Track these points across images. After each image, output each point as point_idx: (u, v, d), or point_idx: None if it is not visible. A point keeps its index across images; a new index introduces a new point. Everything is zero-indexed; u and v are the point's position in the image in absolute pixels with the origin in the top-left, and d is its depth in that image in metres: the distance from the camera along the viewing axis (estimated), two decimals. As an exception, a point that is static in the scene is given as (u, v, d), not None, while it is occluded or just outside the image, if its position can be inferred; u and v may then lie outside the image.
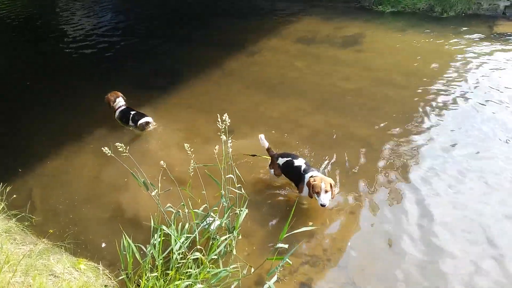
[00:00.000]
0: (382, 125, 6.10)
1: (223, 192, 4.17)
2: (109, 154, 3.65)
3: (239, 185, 4.24)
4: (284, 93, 7.33)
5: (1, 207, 4.41)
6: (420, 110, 6.39)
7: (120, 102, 6.69)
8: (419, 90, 6.92)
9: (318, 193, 4.29)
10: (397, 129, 5.97)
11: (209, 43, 10.28)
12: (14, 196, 4.76)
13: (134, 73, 8.90)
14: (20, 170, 5.74)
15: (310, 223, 4.40)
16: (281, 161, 4.88)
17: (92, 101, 7.33)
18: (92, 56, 10.23)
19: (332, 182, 4.38)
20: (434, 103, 6.54)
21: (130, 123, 6.46)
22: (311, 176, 4.45)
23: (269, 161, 5.15)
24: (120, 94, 6.78)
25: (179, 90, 7.80)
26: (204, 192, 4.12)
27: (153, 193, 3.86)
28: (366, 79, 7.53)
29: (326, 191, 4.30)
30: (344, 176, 5.14)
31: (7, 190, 4.54)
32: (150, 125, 6.45)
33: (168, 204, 4.19)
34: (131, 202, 4.99)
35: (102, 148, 3.64)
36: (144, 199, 4.88)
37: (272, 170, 5.09)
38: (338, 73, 7.86)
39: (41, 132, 6.79)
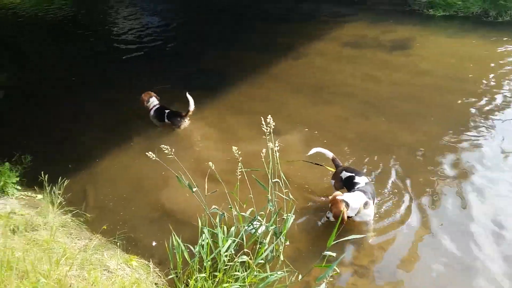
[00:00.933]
0: (431, 131, 5.96)
1: (270, 197, 4.19)
2: (153, 158, 3.75)
3: (286, 190, 4.24)
4: (330, 97, 7.28)
5: (59, 201, 4.61)
6: (471, 117, 6.18)
7: (153, 101, 6.89)
8: (471, 97, 6.68)
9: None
10: (447, 136, 5.81)
11: (254, 46, 10.33)
12: (70, 194, 4.98)
13: (179, 74, 9.05)
14: (70, 166, 5.99)
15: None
16: (344, 174, 4.73)
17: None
18: (140, 56, 10.51)
19: (343, 210, 4.16)
20: (485, 110, 6.31)
21: (166, 120, 6.65)
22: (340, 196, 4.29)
23: (333, 172, 4.98)
24: (153, 94, 6.98)
25: (224, 92, 7.88)
26: (251, 196, 4.16)
27: (194, 190, 3.92)
28: (415, 84, 7.36)
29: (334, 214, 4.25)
30: (392, 184, 5.05)
31: (64, 184, 4.73)
32: (184, 120, 6.62)
33: (214, 206, 4.25)
34: (178, 201, 5.10)
35: (147, 153, 3.75)
36: (190, 199, 4.95)
37: (333, 182, 4.93)
38: (386, 78, 7.72)
39: (90, 129, 7.08)
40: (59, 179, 4.82)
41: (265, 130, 3.86)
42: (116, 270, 3.68)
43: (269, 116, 3.86)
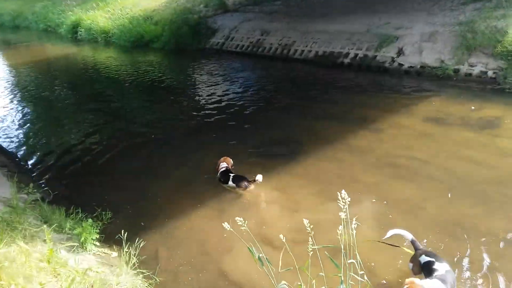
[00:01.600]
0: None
1: (342, 278, 3.96)
2: (228, 229, 3.76)
3: (362, 272, 4.00)
4: (410, 175, 6.98)
5: (133, 262, 4.74)
6: None
7: (222, 165, 7.33)
8: None
9: None
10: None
11: (331, 116, 10.35)
12: (144, 256, 5.12)
13: (254, 140, 9.23)
14: (142, 224, 6.21)
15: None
16: (423, 259, 4.44)
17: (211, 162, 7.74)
18: (217, 121, 10.92)
19: None
20: None
21: (230, 183, 6.97)
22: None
23: (412, 255, 4.72)
24: (228, 159, 7.42)
25: (298, 161, 7.88)
26: (323, 273, 3.97)
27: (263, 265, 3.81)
28: (503, 166, 6.85)
29: None
30: (478, 276, 4.58)
31: (140, 245, 4.87)
32: (249, 185, 6.90)
33: (283, 282, 4.11)
34: (245, 271, 5.01)
35: (223, 224, 3.78)
36: (256, 269, 4.85)
37: (411, 265, 4.66)
38: (472, 158, 7.28)
39: (166, 187, 7.36)
40: (136, 238, 5.00)
41: (341, 206, 3.75)
42: None
43: (344, 191, 3.76)
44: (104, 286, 4.15)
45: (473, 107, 9.53)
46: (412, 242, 4.71)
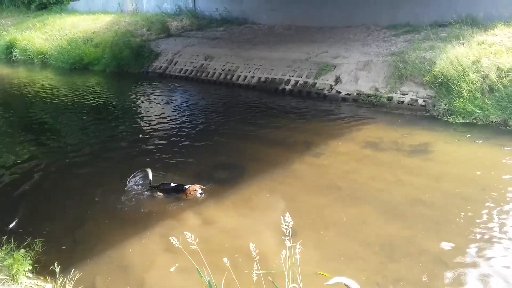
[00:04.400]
0: (454, 241, 5.76)
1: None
2: (177, 245, 3.70)
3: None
4: (349, 199, 7.23)
5: (68, 294, 4.49)
6: (495, 227, 6.00)
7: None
8: (494, 206, 6.55)
9: None
10: (471, 246, 5.62)
11: (274, 142, 10.52)
12: (81, 287, 4.86)
13: (196, 166, 9.15)
14: (78, 253, 5.94)
15: None
16: None
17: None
18: (158, 146, 10.70)
19: None
20: (502, 222, 6.14)
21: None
22: None
23: None
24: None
25: (242, 187, 7.89)
26: (267, 300, 3.99)
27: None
28: (435, 190, 7.28)
29: None
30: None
31: (76, 277, 4.63)
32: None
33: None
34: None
35: (170, 238, 3.71)
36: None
37: None
38: (406, 182, 7.69)
39: (101, 215, 7.07)
40: (72, 269, 4.76)
41: (284, 230, 3.80)
42: None
43: (287, 214, 3.83)
44: (37, 322, 3.89)
45: (406, 134, 10.12)
46: None
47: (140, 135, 11.67)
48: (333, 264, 5.44)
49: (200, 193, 7.19)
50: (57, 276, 4.58)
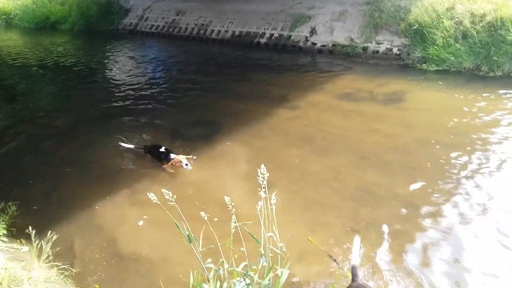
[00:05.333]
0: (425, 184, 5.93)
1: (263, 252, 4.07)
2: (155, 201, 3.70)
3: (282, 244, 4.14)
4: (325, 149, 7.29)
5: (46, 255, 4.47)
6: (465, 172, 6.17)
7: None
8: (465, 150, 6.70)
9: None
10: (441, 189, 5.79)
11: (250, 96, 10.46)
12: (59, 248, 4.85)
13: (171, 123, 9.07)
14: (55, 215, 5.88)
15: None
16: None
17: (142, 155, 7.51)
18: (133, 104, 10.53)
19: None
20: (479, 165, 6.32)
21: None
22: None
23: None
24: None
25: (220, 142, 7.88)
26: (244, 249, 4.06)
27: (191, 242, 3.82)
28: (408, 137, 7.40)
29: None
30: (385, 237, 4.97)
31: (53, 238, 4.60)
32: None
33: (209, 260, 4.14)
34: (173, 257, 4.96)
35: (148, 194, 3.70)
36: (186, 255, 4.85)
37: None
38: (380, 131, 7.77)
39: (84, 182, 6.97)
40: (48, 231, 4.71)
41: (261, 182, 3.82)
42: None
43: (263, 166, 3.84)
44: (14, 282, 3.88)
45: (380, 84, 10.14)
46: (353, 267, 3.88)
47: (113, 95, 11.40)
48: (309, 213, 5.54)
49: (186, 164, 6.73)
50: (33, 238, 4.55)
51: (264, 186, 3.78)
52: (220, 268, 4.12)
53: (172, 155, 6.89)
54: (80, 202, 6.22)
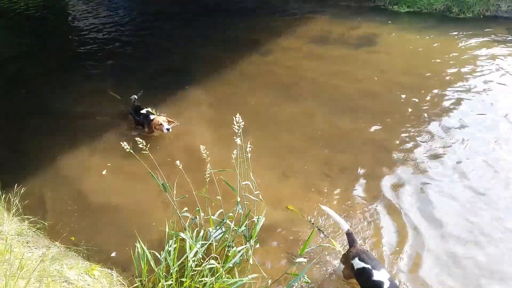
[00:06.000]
0: (396, 128, 6.01)
1: (239, 199, 4.09)
2: (128, 150, 3.61)
3: (257, 191, 4.16)
4: (297, 94, 7.22)
5: (15, 209, 4.35)
6: (437, 113, 6.27)
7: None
8: (434, 93, 6.79)
9: None
10: (412, 132, 5.89)
11: (221, 42, 10.15)
12: (27, 201, 4.71)
13: (143, 72, 8.75)
14: (23, 168, 5.72)
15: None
16: (356, 263, 3.52)
17: (104, 103, 7.23)
18: (97, 52, 10.10)
19: None
20: (448, 106, 6.44)
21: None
22: None
23: (344, 254, 3.79)
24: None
25: (191, 90, 7.67)
26: (220, 197, 4.06)
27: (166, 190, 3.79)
28: (380, 81, 7.40)
29: None
30: (359, 181, 5.07)
31: (21, 192, 4.47)
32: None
33: (185, 209, 4.14)
34: (144, 207, 4.93)
35: (121, 143, 3.60)
36: (157, 204, 4.83)
37: (342, 266, 3.75)
38: (352, 75, 7.72)
39: (44, 128, 6.74)
40: (15, 184, 4.58)
41: (236, 130, 3.76)
42: (77, 281, 3.47)
43: (238, 115, 3.77)
44: (-17, 238, 3.78)
45: (352, 27, 9.98)
46: (348, 234, 3.75)
47: (78, 43, 10.85)
48: (281, 160, 5.55)
49: (167, 129, 5.96)
50: (0, 192, 4.40)
51: (239, 134, 3.72)
52: (196, 217, 4.13)
53: (152, 116, 6.21)
54: (46, 153, 6.03)
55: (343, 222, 3.77)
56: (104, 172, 5.55)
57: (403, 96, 6.79)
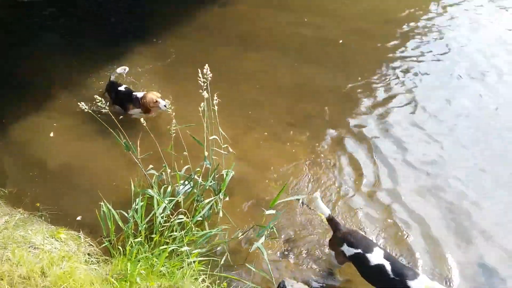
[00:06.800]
0: (359, 75, 6.05)
1: (206, 153, 4.03)
2: (86, 110, 3.47)
3: (226, 145, 4.12)
4: (258, 46, 7.04)
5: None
6: (398, 57, 6.34)
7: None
8: (399, 38, 6.81)
9: None
10: (373, 78, 5.94)
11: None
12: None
13: (97, 31, 8.18)
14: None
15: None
16: (347, 250, 3.35)
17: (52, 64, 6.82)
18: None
19: None
20: (411, 52, 6.51)
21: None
22: None
23: (330, 239, 3.65)
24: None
25: (150, 47, 7.31)
26: (186, 153, 3.99)
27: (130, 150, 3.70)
28: (342, 28, 7.29)
29: None
30: (320, 129, 5.14)
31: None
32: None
33: (150, 166, 4.05)
34: (107, 167, 4.80)
35: (79, 103, 3.46)
36: (122, 164, 4.70)
37: (333, 253, 3.60)
38: (312, 23, 7.56)
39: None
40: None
41: (201, 83, 3.65)
42: (43, 245, 3.39)
43: (206, 66, 3.64)
44: None
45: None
46: (329, 220, 3.57)
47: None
48: (247, 113, 5.49)
49: (165, 105, 4.86)
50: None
51: (205, 87, 3.63)
52: (162, 174, 4.06)
53: (138, 94, 5.19)
54: (6, 116, 5.64)
55: (325, 208, 3.56)
56: (51, 135, 5.28)
57: (364, 42, 6.78)
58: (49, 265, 3.14)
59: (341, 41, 6.89)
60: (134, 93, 5.25)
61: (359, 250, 3.25)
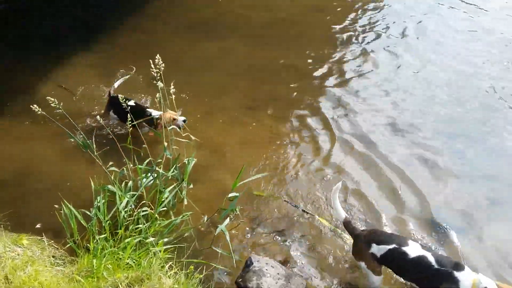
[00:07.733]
0: (314, 54, 6.15)
1: (166, 144, 4.01)
2: (39, 112, 3.38)
3: (186, 133, 4.11)
4: (213, 32, 7.03)
5: None
6: (352, 34, 6.44)
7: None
8: (348, 12, 6.94)
9: None
10: (332, 57, 6.04)
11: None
12: None
13: (44, 30, 7.87)
14: None
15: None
16: (377, 250, 3.02)
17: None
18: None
19: None
20: (367, 23, 6.65)
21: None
22: None
23: (353, 247, 3.31)
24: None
25: (101, 43, 7.06)
26: (145, 146, 3.96)
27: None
28: (295, 7, 7.38)
29: None
30: (281, 109, 5.19)
31: None
32: None
33: (110, 163, 4.00)
34: (68, 169, 4.67)
35: (32, 106, 3.36)
36: (80, 164, 4.59)
37: (363, 264, 3.16)
38: (265, 5, 7.62)
39: None
40: None
41: (154, 74, 3.59)
42: (5, 253, 3.31)
43: (158, 56, 3.58)
44: None
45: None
46: (346, 223, 3.28)
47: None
48: (206, 100, 5.48)
49: (184, 120, 4.56)
50: None
51: (158, 77, 3.58)
52: (123, 169, 4.02)
53: (155, 113, 4.70)
54: None
55: (340, 209, 3.32)
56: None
57: (317, 21, 6.85)
58: (13, 271, 3.07)
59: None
60: (148, 110, 4.80)
61: (394, 245, 2.95)
